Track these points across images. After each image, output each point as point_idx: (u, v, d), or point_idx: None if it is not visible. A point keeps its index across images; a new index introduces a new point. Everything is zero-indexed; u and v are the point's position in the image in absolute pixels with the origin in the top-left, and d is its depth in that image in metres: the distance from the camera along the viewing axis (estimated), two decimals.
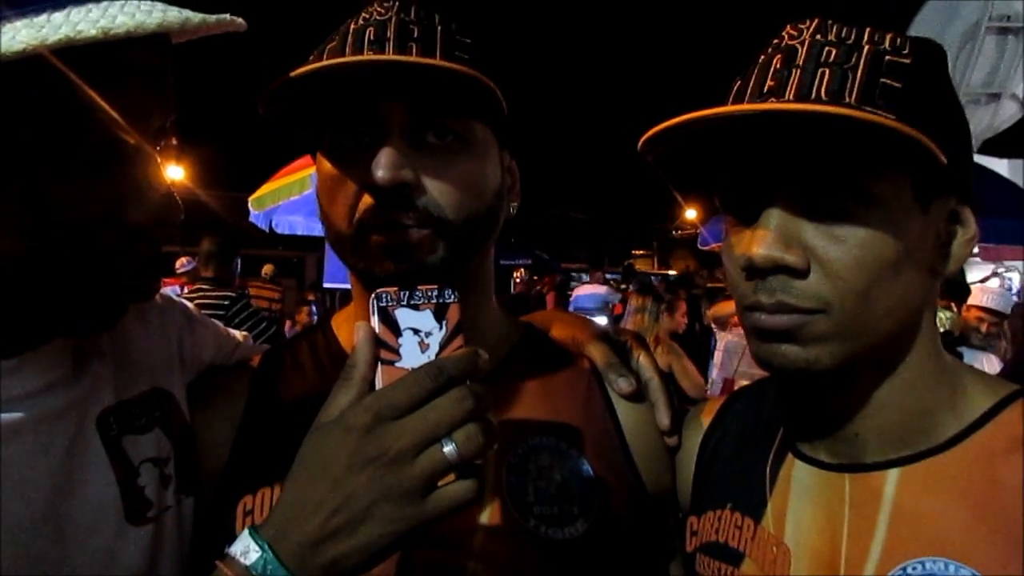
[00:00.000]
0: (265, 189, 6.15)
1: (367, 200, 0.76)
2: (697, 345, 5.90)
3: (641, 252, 22.76)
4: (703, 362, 5.63)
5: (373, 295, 0.65)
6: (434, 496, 0.60)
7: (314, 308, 7.26)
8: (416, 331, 0.65)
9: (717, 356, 5.31)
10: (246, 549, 0.59)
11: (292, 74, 0.73)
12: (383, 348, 0.64)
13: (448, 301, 0.66)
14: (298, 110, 0.79)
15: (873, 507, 0.69)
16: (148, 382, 0.83)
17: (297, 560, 0.58)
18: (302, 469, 0.62)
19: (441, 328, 0.65)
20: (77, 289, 0.65)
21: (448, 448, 0.59)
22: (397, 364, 0.64)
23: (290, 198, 5.86)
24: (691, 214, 17.30)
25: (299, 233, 7.08)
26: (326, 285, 8.23)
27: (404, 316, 0.65)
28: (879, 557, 0.67)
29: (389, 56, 0.74)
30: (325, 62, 0.74)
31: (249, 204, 6.31)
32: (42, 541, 0.66)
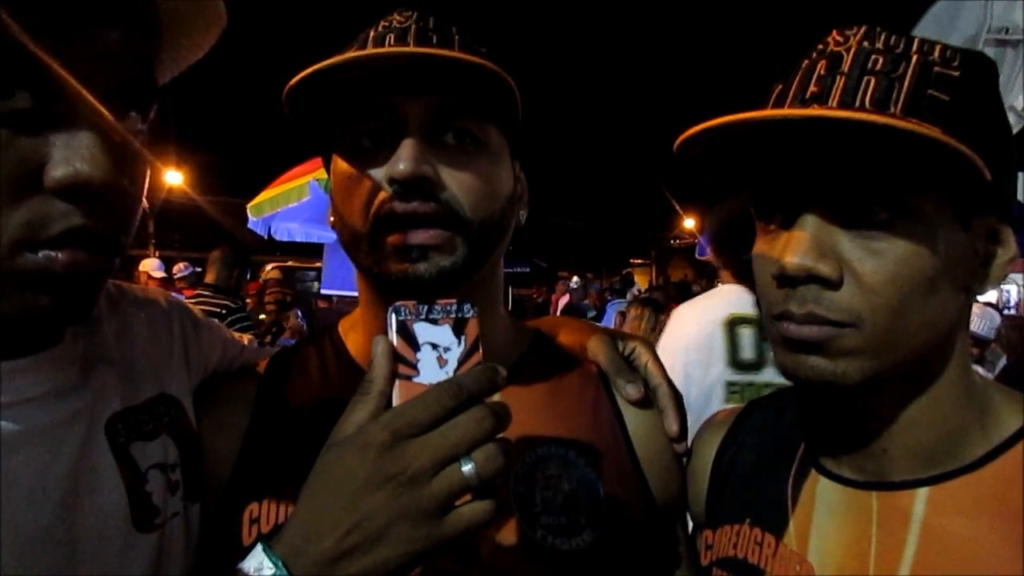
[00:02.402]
0: (264, 196, 6.16)
1: (384, 195, 0.76)
2: None
3: (639, 261, 22.80)
4: None
5: (391, 308, 0.64)
6: (452, 516, 0.58)
7: (299, 313, 7.21)
8: (435, 346, 0.64)
9: None
10: (260, 566, 0.57)
11: (315, 67, 0.73)
12: (401, 363, 0.63)
13: (467, 316, 0.65)
14: (319, 106, 0.79)
15: (902, 526, 0.68)
16: (155, 387, 0.81)
17: None
18: (318, 485, 0.60)
19: (460, 343, 0.64)
20: (20, 269, 0.57)
21: (467, 468, 0.58)
22: (415, 379, 0.62)
23: (288, 205, 5.87)
24: (689, 223, 17.37)
25: (297, 240, 7.09)
26: (323, 291, 8.24)
27: (423, 330, 0.64)
28: None
29: (413, 48, 0.75)
30: (349, 55, 0.74)
31: (248, 211, 6.31)
32: (51, 549, 0.64)
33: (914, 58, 0.64)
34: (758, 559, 0.77)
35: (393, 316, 0.64)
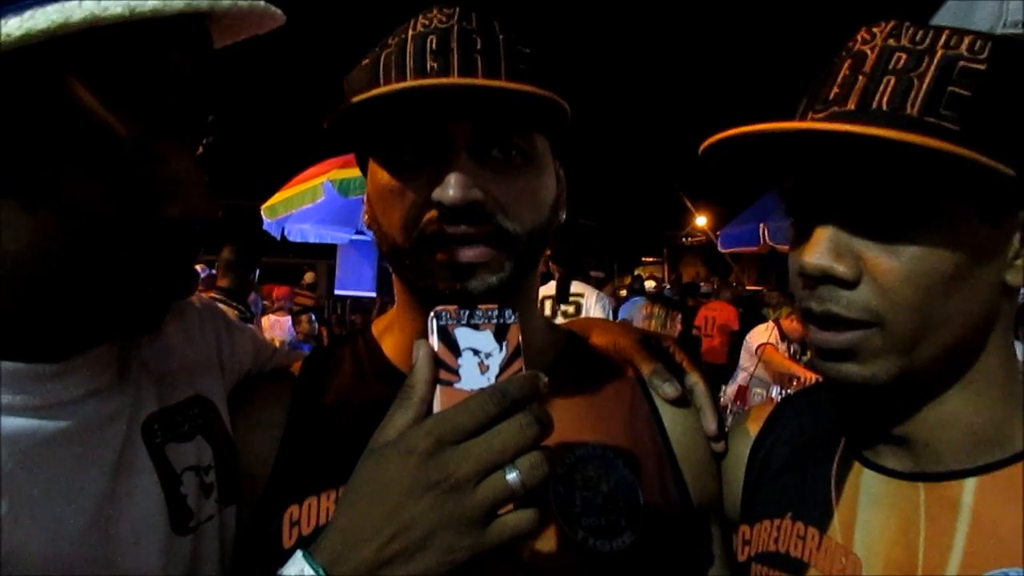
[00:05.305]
0: (278, 198, 6.19)
1: (431, 215, 0.75)
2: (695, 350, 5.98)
3: (651, 259, 22.67)
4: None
5: (432, 313, 0.64)
6: (495, 525, 0.58)
7: (313, 316, 7.18)
8: (476, 352, 0.63)
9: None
10: (300, 572, 0.57)
11: (362, 97, 0.73)
12: (442, 368, 0.62)
13: (509, 322, 0.64)
14: (359, 122, 0.78)
15: (950, 516, 0.68)
16: (189, 389, 0.81)
17: None
18: (359, 492, 0.60)
19: (501, 349, 0.63)
20: (114, 291, 0.63)
21: (511, 476, 0.57)
22: (456, 385, 0.62)
23: (302, 207, 5.89)
24: (701, 221, 17.28)
25: (311, 241, 7.11)
26: (337, 292, 8.25)
27: (464, 336, 0.63)
28: (958, 567, 0.65)
29: (457, 80, 0.73)
30: (395, 86, 0.73)
31: (262, 212, 6.34)
32: (89, 551, 0.65)
33: (938, 53, 0.64)
34: (801, 553, 0.76)
35: (434, 321, 0.63)
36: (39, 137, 0.57)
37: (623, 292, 8.46)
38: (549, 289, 4.61)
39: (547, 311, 4.55)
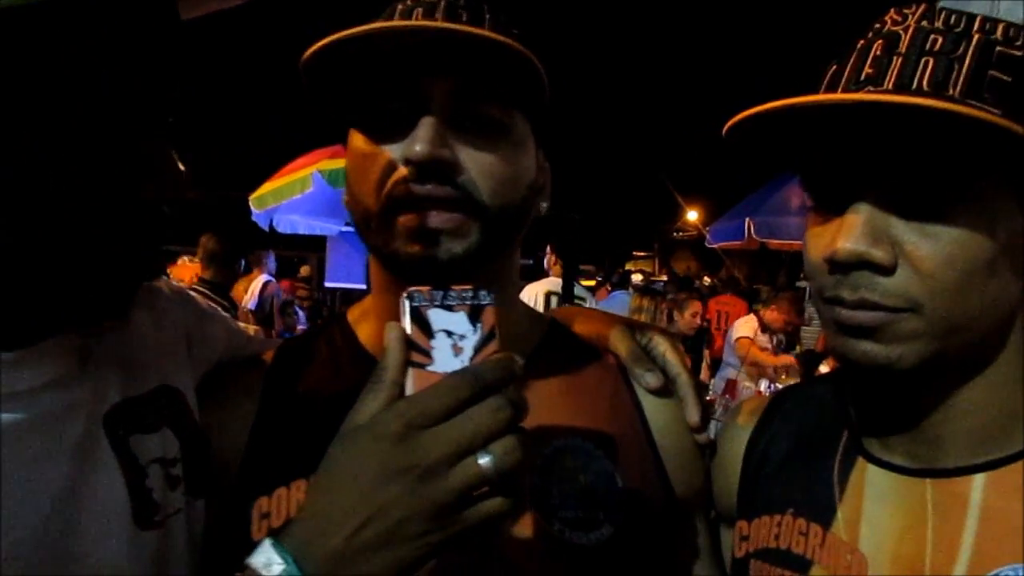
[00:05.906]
0: (266, 188, 6.16)
1: (400, 173, 0.73)
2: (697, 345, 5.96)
3: (642, 253, 22.78)
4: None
5: (405, 294, 0.61)
6: (469, 511, 0.56)
7: (298, 309, 7.16)
8: (450, 334, 0.60)
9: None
10: (268, 562, 0.54)
11: (336, 36, 0.70)
12: (414, 351, 0.59)
13: (484, 303, 0.62)
14: (337, 78, 0.76)
15: (959, 513, 0.66)
16: (156, 379, 0.78)
17: (323, 575, 0.54)
18: (329, 477, 0.58)
19: (476, 331, 0.61)
20: (85, 273, 0.62)
21: (484, 460, 0.55)
22: (429, 368, 0.59)
23: (291, 197, 5.86)
24: (692, 215, 17.32)
25: (300, 232, 7.08)
26: (327, 284, 8.24)
27: (437, 317, 0.61)
28: (967, 564, 0.64)
29: (439, 23, 0.72)
30: (372, 25, 0.70)
31: (250, 203, 6.30)
32: (50, 547, 0.62)
33: (975, 37, 0.63)
34: (804, 549, 0.75)
35: (407, 302, 0.61)
36: (10, 114, 0.55)
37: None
38: (554, 285, 4.71)
39: (553, 306, 4.62)
